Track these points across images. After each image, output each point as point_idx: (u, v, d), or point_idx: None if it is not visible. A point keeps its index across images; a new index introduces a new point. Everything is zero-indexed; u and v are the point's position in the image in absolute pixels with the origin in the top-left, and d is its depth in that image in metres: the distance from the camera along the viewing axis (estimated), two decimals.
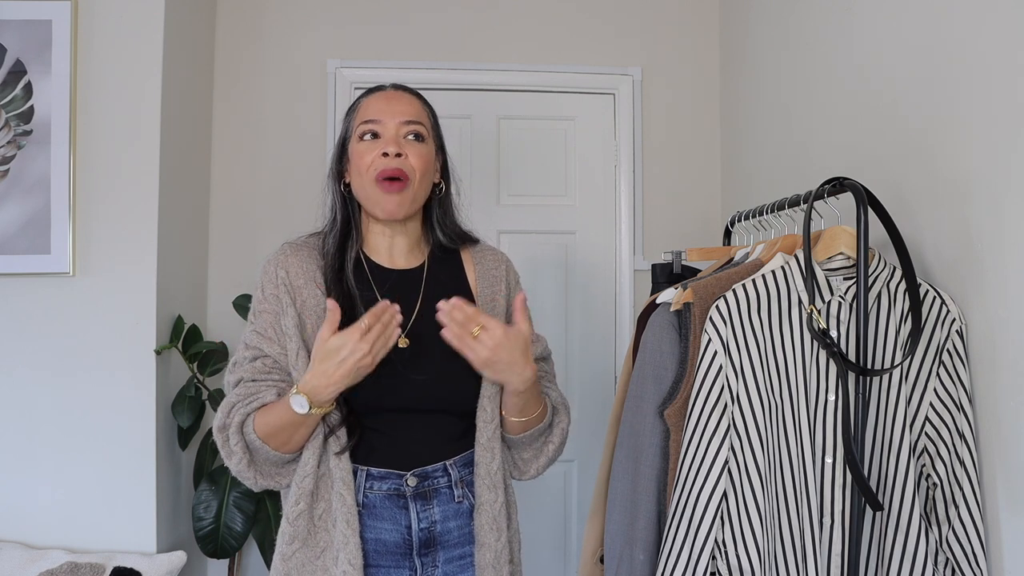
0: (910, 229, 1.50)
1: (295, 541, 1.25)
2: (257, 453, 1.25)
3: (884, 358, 1.35)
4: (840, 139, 1.86)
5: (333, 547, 1.24)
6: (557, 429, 1.40)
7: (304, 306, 1.30)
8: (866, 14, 1.74)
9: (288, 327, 1.28)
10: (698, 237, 2.74)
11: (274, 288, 1.31)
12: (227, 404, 1.27)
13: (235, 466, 1.26)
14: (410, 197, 1.33)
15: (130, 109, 2.16)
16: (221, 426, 1.26)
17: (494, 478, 1.32)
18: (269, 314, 1.30)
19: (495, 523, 1.31)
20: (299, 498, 1.25)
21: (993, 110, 1.30)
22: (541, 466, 1.41)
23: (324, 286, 1.31)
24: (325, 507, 1.26)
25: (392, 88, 1.39)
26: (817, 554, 1.31)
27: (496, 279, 1.43)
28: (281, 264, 1.33)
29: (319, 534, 1.26)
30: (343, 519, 1.23)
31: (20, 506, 2.10)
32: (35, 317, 2.12)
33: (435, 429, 1.31)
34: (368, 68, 2.67)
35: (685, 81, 2.80)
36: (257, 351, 1.29)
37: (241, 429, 1.24)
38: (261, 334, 1.30)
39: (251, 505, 2.23)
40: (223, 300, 2.54)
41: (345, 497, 1.24)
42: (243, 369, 1.29)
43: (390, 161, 1.30)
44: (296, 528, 1.25)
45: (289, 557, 1.25)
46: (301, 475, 1.26)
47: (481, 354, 1.21)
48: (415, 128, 1.34)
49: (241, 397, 1.27)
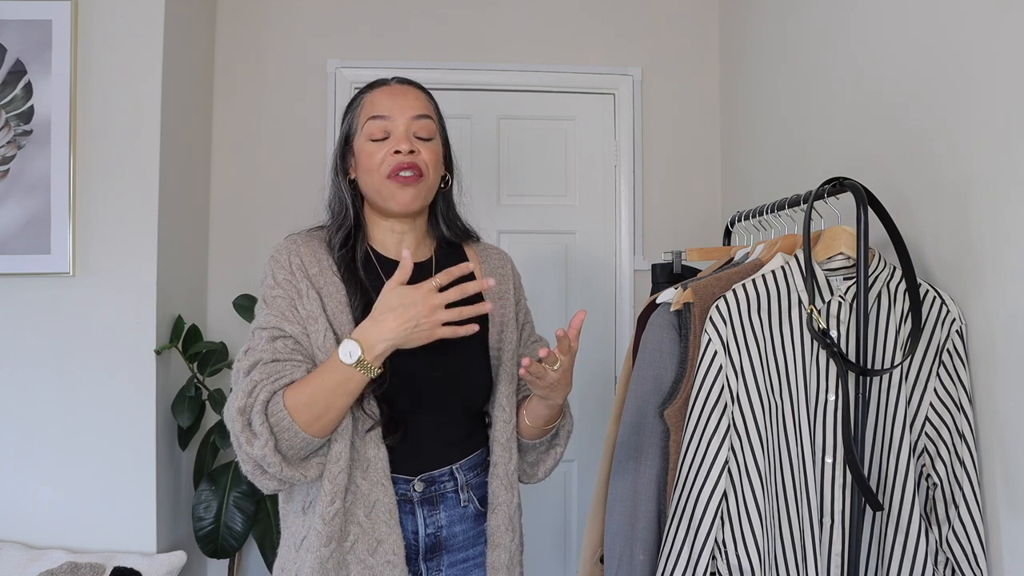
0: (910, 229, 1.50)
1: (332, 541, 1.19)
2: (283, 435, 1.14)
3: (884, 358, 1.35)
4: (840, 139, 1.86)
5: (367, 538, 1.21)
6: (563, 432, 1.41)
7: (323, 291, 1.26)
8: (866, 14, 1.74)
9: (312, 309, 1.23)
10: (698, 237, 2.74)
11: (288, 274, 1.26)
12: (248, 383, 1.16)
13: (259, 450, 1.13)
14: (425, 189, 1.31)
15: (130, 109, 2.16)
16: (242, 408, 1.15)
17: (511, 478, 1.33)
18: (284, 299, 1.24)
19: (511, 523, 1.32)
20: (334, 496, 1.19)
21: (993, 110, 1.30)
22: (548, 468, 1.42)
23: (339, 275, 1.29)
24: (352, 499, 1.22)
25: (396, 82, 1.36)
26: (817, 554, 1.31)
27: (504, 277, 1.43)
28: (294, 252, 1.28)
29: (348, 527, 1.21)
30: (385, 509, 1.21)
31: (20, 506, 2.10)
32: (35, 317, 2.12)
33: (443, 432, 1.31)
34: (368, 68, 2.67)
35: (685, 81, 2.80)
36: (277, 331, 1.21)
37: (266, 409, 1.14)
38: (278, 315, 1.22)
39: (251, 505, 2.23)
40: (223, 300, 2.55)
41: (386, 487, 1.21)
42: (261, 351, 1.20)
43: (403, 157, 1.28)
44: (332, 528, 1.19)
45: (327, 559, 1.19)
46: (335, 470, 1.19)
47: (551, 380, 1.19)
48: (424, 123, 1.32)
49: (265, 375, 1.17)
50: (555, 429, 1.38)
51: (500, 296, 1.40)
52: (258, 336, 1.22)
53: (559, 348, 1.17)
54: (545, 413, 1.31)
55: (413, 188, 1.29)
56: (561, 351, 1.17)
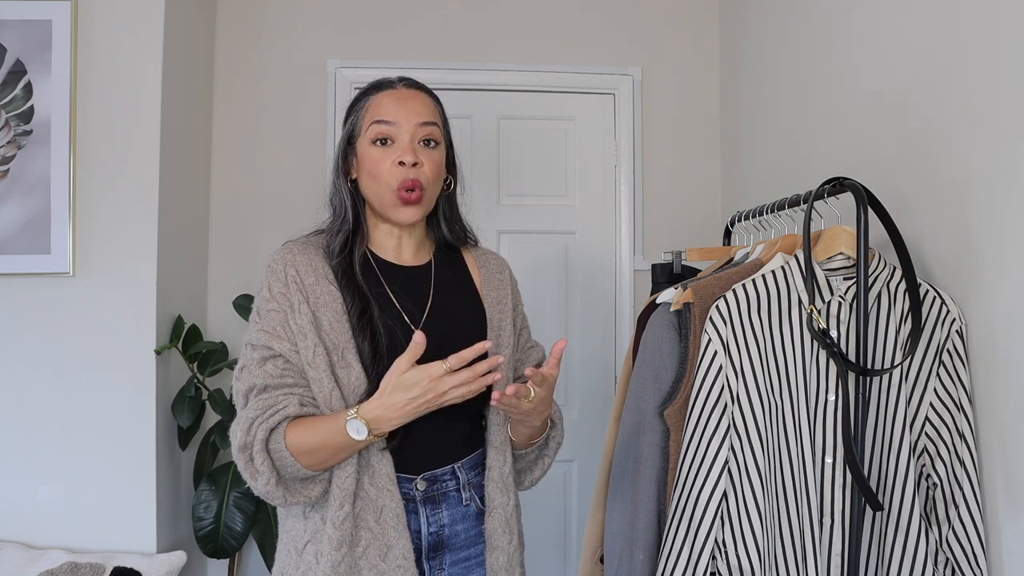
0: (910, 229, 1.50)
1: (343, 546, 1.20)
2: (286, 470, 1.18)
3: (884, 358, 1.35)
4: (840, 139, 1.86)
5: (378, 543, 1.22)
6: (553, 443, 1.41)
7: (318, 303, 1.26)
8: (866, 14, 1.74)
9: (302, 324, 1.23)
10: (698, 237, 2.74)
11: (283, 287, 1.26)
12: (245, 420, 1.19)
13: (262, 487, 1.18)
14: (425, 206, 1.32)
15: (130, 109, 2.16)
16: (242, 445, 1.18)
17: (506, 481, 1.33)
18: (277, 312, 1.25)
19: (507, 526, 1.32)
20: (343, 501, 1.20)
21: (993, 110, 1.30)
22: (535, 478, 1.43)
23: (335, 281, 1.29)
24: (362, 505, 1.23)
25: (403, 85, 1.35)
26: (817, 554, 1.31)
27: (502, 283, 1.43)
28: (290, 263, 1.28)
29: (359, 532, 1.22)
30: (393, 514, 1.22)
31: (20, 506, 2.10)
32: (35, 317, 2.12)
33: (445, 432, 1.31)
34: (368, 68, 2.66)
35: (685, 81, 2.80)
36: (266, 350, 1.23)
37: (266, 446, 1.17)
38: (269, 332, 1.24)
39: (251, 505, 2.23)
40: (223, 300, 2.54)
41: (393, 492, 1.23)
42: (253, 375, 1.22)
43: (407, 172, 1.28)
44: (343, 532, 1.20)
45: (339, 563, 1.20)
46: (342, 476, 1.21)
47: (525, 409, 1.20)
48: (429, 131, 1.32)
49: (260, 411, 1.19)
50: (542, 441, 1.38)
51: (498, 302, 1.40)
52: (250, 354, 1.25)
53: (532, 381, 1.17)
54: (526, 432, 1.33)
55: (414, 208, 1.30)
56: (535, 383, 1.18)
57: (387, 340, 1.25)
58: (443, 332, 1.28)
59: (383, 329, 1.26)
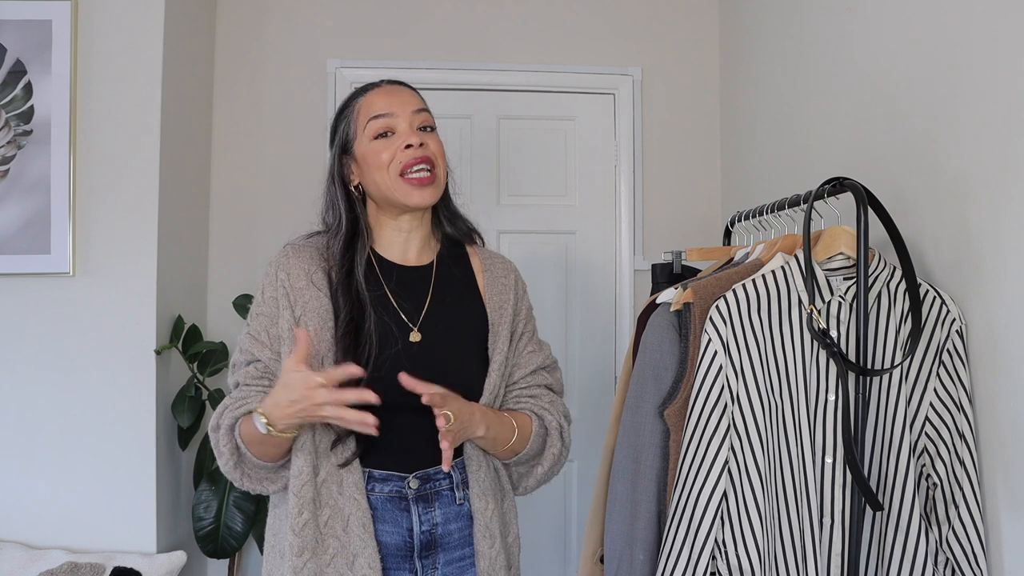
0: (910, 229, 1.50)
1: (304, 552, 1.22)
2: (244, 456, 1.28)
3: (884, 358, 1.35)
4: (840, 139, 1.86)
5: (345, 551, 1.23)
6: (548, 453, 1.39)
7: (305, 308, 1.29)
8: (867, 14, 1.74)
9: (283, 331, 1.28)
10: (698, 237, 2.74)
11: (273, 291, 1.31)
12: (221, 407, 1.29)
13: (223, 466, 1.29)
14: (438, 186, 1.34)
15: (130, 109, 2.16)
16: (214, 426, 1.28)
17: (483, 486, 1.33)
18: (265, 317, 1.31)
19: (487, 531, 1.31)
20: (301, 508, 1.23)
21: (993, 110, 1.30)
22: (530, 486, 1.42)
23: (327, 287, 1.30)
24: (330, 513, 1.24)
25: (389, 83, 1.38)
26: (817, 554, 1.31)
27: (505, 287, 1.42)
28: (282, 267, 1.32)
29: (327, 541, 1.23)
30: (359, 523, 1.23)
31: (20, 506, 2.10)
32: (35, 317, 2.12)
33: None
34: (368, 68, 2.66)
35: (685, 81, 2.80)
36: (249, 355, 1.31)
37: (232, 431, 1.26)
38: (254, 338, 1.31)
39: (251, 505, 2.23)
40: (223, 300, 2.54)
41: (359, 501, 1.24)
42: (239, 373, 1.32)
43: (415, 151, 1.30)
44: (304, 539, 1.23)
45: (301, 569, 1.22)
46: (298, 484, 1.24)
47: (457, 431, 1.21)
48: (424, 117, 1.35)
49: (232, 400, 1.29)
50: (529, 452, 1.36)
51: (499, 307, 1.40)
52: (238, 355, 1.33)
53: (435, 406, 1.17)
54: (491, 448, 1.33)
55: (429, 189, 1.32)
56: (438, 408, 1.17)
57: (379, 345, 1.26)
58: (441, 330, 1.28)
59: (375, 337, 1.26)
